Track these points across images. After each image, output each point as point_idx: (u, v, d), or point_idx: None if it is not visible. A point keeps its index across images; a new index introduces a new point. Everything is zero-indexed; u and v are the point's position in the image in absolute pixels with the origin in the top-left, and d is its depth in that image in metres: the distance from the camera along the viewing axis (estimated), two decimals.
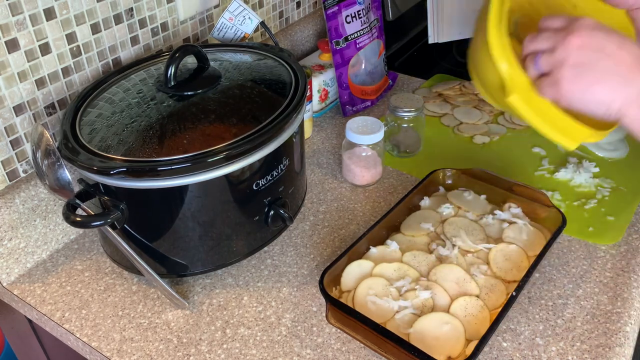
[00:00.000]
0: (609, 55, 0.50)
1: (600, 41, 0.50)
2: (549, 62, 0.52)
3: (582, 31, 0.50)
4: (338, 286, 0.64)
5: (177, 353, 0.61)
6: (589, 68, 0.50)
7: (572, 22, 0.52)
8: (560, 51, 0.51)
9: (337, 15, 0.94)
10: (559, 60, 0.51)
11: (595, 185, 0.81)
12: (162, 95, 0.66)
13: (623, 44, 0.50)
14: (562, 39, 0.51)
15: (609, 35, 0.51)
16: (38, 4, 0.65)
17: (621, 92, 0.50)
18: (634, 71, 0.50)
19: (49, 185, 0.64)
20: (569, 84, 0.51)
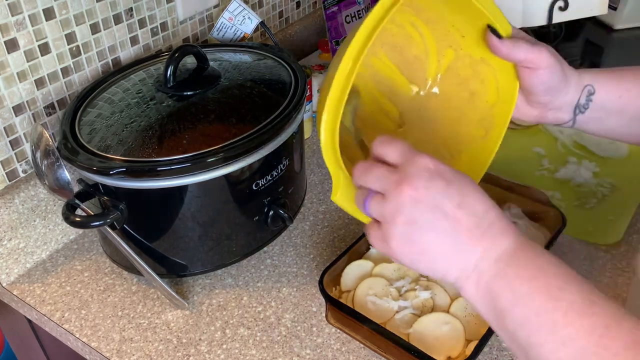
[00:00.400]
0: (446, 216, 0.41)
1: (438, 196, 0.41)
2: (378, 211, 0.43)
3: (418, 181, 0.41)
4: (338, 286, 0.64)
5: (176, 353, 0.61)
6: (421, 230, 0.41)
7: (409, 162, 0.42)
8: (391, 203, 0.42)
9: (337, 15, 0.94)
10: (389, 213, 0.42)
11: (595, 185, 0.81)
12: (161, 95, 0.66)
13: (464, 201, 0.41)
14: (394, 186, 0.42)
15: (448, 187, 0.41)
16: (37, 4, 0.65)
17: (456, 262, 0.42)
18: (472, 238, 0.41)
19: (49, 185, 0.64)
20: (398, 245, 0.42)
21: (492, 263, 0.41)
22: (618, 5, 1.22)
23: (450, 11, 0.54)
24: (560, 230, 0.67)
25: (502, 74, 0.55)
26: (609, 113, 0.56)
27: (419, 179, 0.41)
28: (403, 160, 0.43)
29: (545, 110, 0.56)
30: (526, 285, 0.39)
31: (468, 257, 0.41)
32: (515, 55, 0.52)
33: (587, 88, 0.55)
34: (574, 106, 0.56)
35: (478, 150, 0.59)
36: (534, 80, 0.53)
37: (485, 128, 0.58)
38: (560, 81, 0.53)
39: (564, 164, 0.86)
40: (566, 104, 0.55)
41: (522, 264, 0.41)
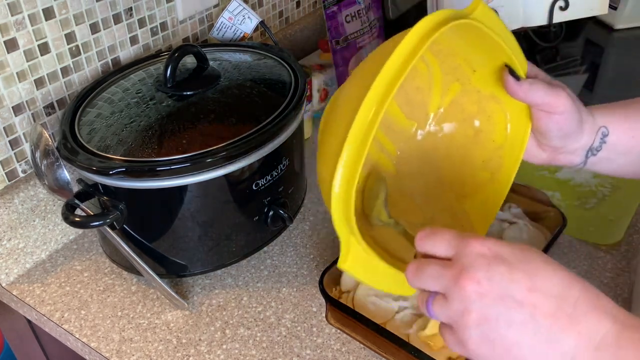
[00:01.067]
0: (521, 305, 0.35)
1: (504, 283, 0.35)
2: (445, 314, 0.38)
3: (478, 272, 0.36)
4: (338, 286, 0.64)
5: (176, 353, 0.61)
6: (497, 326, 0.35)
7: (461, 252, 0.38)
8: (456, 303, 0.37)
9: (337, 14, 0.94)
10: (457, 315, 0.37)
11: (595, 185, 0.81)
12: (161, 95, 0.66)
13: (535, 283, 0.35)
14: (453, 282, 0.37)
15: (513, 270, 0.36)
16: (37, 4, 0.65)
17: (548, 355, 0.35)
18: (559, 324, 0.35)
19: (48, 185, 0.64)
20: (478, 348, 0.36)
21: (592, 354, 0.35)
22: (618, 5, 1.22)
23: (466, 44, 0.49)
24: (560, 230, 0.66)
25: (513, 113, 0.52)
26: (619, 153, 0.53)
27: (478, 270, 0.36)
28: (454, 251, 0.38)
29: (557, 153, 0.53)
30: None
31: (560, 347, 0.35)
32: (532, 99, 0.48)
33: (602, 130, 0.52)
34: (587, 149, 0.53)
35: (486, 195, 0.55)
36: (549, 125, 0.50)
37: (491, 170, 0.55)
38: (577, 126, 0.50)
39: None
40: (579, 148, 0.52)
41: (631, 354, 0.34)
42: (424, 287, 0.39)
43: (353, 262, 0.44)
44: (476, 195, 0.55)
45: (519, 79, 0.47)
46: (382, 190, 0.52)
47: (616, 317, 0.35)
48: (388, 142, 0.56)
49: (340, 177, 0.40)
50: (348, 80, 0.46)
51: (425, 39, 0.40)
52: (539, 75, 0.50)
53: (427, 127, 0.56)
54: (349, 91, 0.44)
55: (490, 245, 0.37)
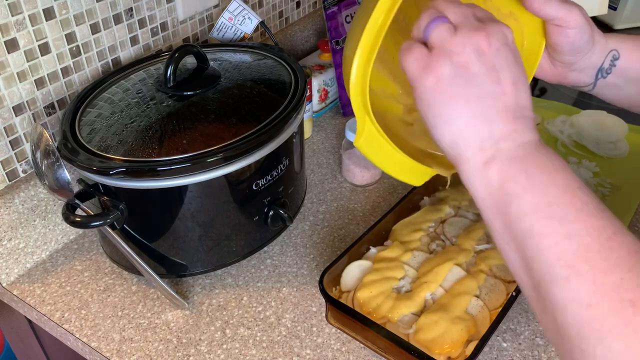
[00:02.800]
0: (498, 82, 0.41)
1: (504, 61, 0.41)
2: (441, 37, 0.42)
3: (496, 39, 0.41)
4: (338, 286, 0.64)
5: (176, 353, 0.61)
6: (467, 79, 0.41)
7: (494, 23, 0.42)
8: (460, 39, 0.41)
9: (336, 15, 0.94)
10: (451, 46, 0.41)
11: (595, 185, 0.81)
12: (161, 95, 0.66)
13: (519, 82, 0.41)
14: (472, 27, 0.41)
15: (515, 61, 0.42)
16: (37, 4, 0.65)
17: (479, 129, 0.41)
18: (506, 115, 0.41)
19: (49, 185, 0.64)
20: (437, 80, 0.41)
21: (515, 146, 0.40)
22: (618, 5, 1.22)
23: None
24: None
25: (529, 30, 0.55)
26: (629, 81, 0.56)
27: (496, 38, 0.41)
28: (490, 19, 0.43)
29: (568, 70, 0.56)
30: (545, 176, 0.39)
31: (493, 128, 0.41)
32: (547, 11, 0.50)
33: (612, 53, 0.55)
34: (597, 69, 0.55)
35: None
36: (561, 38, 0.52)
37: None
38: (587, 42, 0.53)
39: None
40: (589, 67, 0.55)
41: (544, 158, 0.40)
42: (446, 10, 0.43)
43: (366, 140, 0.49)
44: None
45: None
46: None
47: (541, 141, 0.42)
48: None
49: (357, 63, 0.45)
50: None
51: None
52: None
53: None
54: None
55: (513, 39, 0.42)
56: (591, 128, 0.92)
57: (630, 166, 0.85)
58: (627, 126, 0.91)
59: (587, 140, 0.90)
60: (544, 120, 0.95)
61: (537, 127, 0.92)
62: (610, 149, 0.88)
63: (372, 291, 0.61)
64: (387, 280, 0.63)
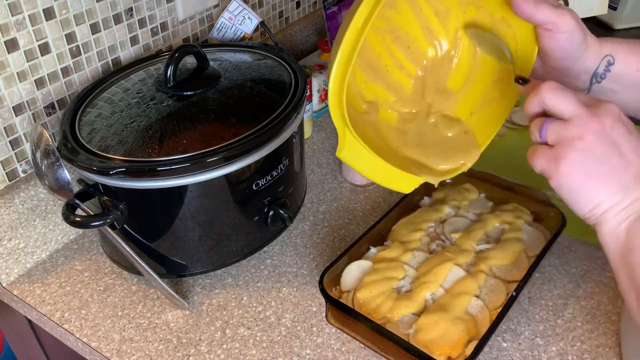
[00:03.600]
0: (622, 155, 0.45)
1: (620, 136, 0.45)
2: (557, 133, 0.46)
3: (606, 119, 0.45)
4: (338, 286, 0.64)
5: (176, 353, 0.61)
6: (594, 160, 0.45)
7: (598, 105, 0.46)
8: (576, 128, 0.45)
9: (336, 15, 0.94)
10: (570, 137, 0.45)
11: None
12: (161, 95, 0.66)
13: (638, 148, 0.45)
14: (583, 116, 0.45)
15: (629, 133, 0.45)
16: (37, 4, 0.65)
17: (613, 196, 0.45)
18: (634, 182, 0.45)
19: (49, 185, 0.64)
20: (567, 167, 0.45)
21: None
22: (618, 5, 1.22)
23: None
24: (560, 230, 0.66)
25: (521, 36, 0.55)
26: (624, 86, 0.55)
27: (608, 117, 0.44)
28: (595, 100, 0.46)
29: (562, 76, 0.56)
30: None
31: (627, 194, 0.45)
32: (537, 17, 0.50)
33: (607, 58, 0.54)
34: (591, 75, 0.55)
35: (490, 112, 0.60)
36: (553, 43, 0.52)
37: (500, 90, 0.59)
38: (579, 47, 0.52)
39: None
40: (584, 72, 0.55)
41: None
42: (557, 107, 0.46)
43: (348, 151, 0.51)
44: (480, 114, 0.61)
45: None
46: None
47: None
48: (408, 62, 0.61)
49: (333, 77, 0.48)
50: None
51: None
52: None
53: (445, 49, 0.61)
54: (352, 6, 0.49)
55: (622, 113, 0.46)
56: None
57: None
58: None
59: None
60: None
61: None
62: None
63: (372, 291, 0.61)
64: (387, 280, 0.63)
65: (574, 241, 0.73)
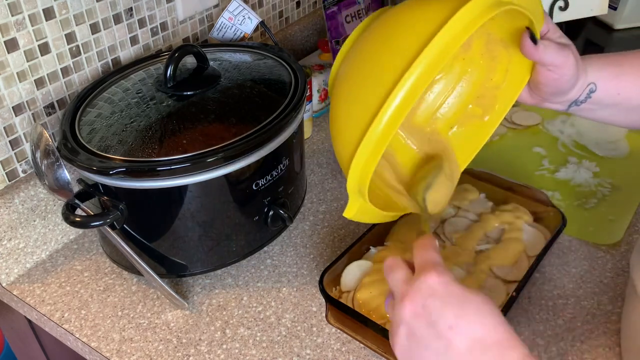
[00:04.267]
0: (439, 337, 0.41)
1: (434, 315, 0.41)
2: (390, 313, 0.46)
3: (419, 298, 0.42)
4: (338, 286, 0.64)
5: (176, 353, 0.61)
6: (419, 345, 0.42)
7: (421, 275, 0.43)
8: (396, 314, 0.44)
9: (337, 15, 0.94)
10: (395, 321, 0.44)
11: (595, 185, 0.81)
12: (161, 95, 0.66)
13: (457, 323, 0.40)
14: (400, 298, 0.44)
15: (445, 307, 0.41)
16: (37, 4, 0.65)
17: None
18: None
19: (48, 185, 0.64)
20: (400, 351, 0.44)
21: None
22: (618, 5, 1.22)
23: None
24: (560, 230, 0.66)
25: (516, 61, 0.55)
26: (603, 106, 0.56)
27: (420, 295, 0.42)
28: (418, 271, 0.44)
29: (544, 102, 0.57)
30: None
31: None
32: (544, 59, 0.51)
33: (590, 86, 0.55)
34: (571, 102, 0.56)
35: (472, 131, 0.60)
36: (549, 82, 0.53)
37: (484, 107, 0.58)
38: (572, 86, 0.53)
39: (564, 164, 0.86)
40: (566, 100, 0.56)
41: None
42: (389, 284, 0.47)
43: (357, 212, 0.51)
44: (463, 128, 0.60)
45: (536, 43, 0.49)
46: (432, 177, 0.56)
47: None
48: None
49: (358, 160, 0.45)
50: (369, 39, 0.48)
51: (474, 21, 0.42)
52: (549, 30, 0.52)
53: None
54: (378, 59, 0.45)
55: (445, 284, 0.42)
56: (591, 128, 0.92)
57: (630, 166, 0.85)
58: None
59: (587, 140, 0.90)
60: (544, 120, 0.95)
61: (537, 128, 0.93)
62: (610, 149, 0.88)
63: (371, 292, 0.61)
64: None
65: (574, 241, 0.73)
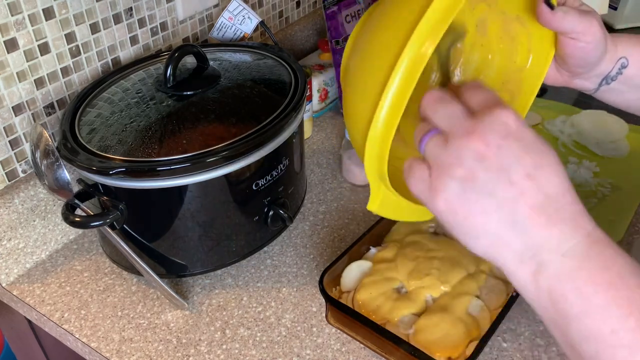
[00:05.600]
0: (512, 184, 0.35)
1: (509, 159, 0.35)
2: (435, 154, 0.37)
3: (491, 135, 0.35)
4: (338, 286, 0.64)
5: (176, 353, 0.61)
6: (478, 191, 0.35)
7: (489, 111, 0.36)
8: (454, 150, 0.36)
9: (337, 14, 0.94)
10: (447, 161, 0.36)
11: (595, 185, 0.81)
12: (161, 95, 0.66)
13: (536, 173, 0.35)
14: (463, 131, 0.36)
15: (524, 152, 0.35)
16: (37, 4, 0.65)
17: (510, 241, 0.35)
18: (535, 219, 0.35)
19: (48, 185, 0.64)
20: (445, 202, 0.36)
21: (559, 258, 0.35)
22: (618, 5, 1.22)
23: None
24: None
25: (537, 36, 0.52)
26: (632, 87, 0.54)
27: (493, 133, 0.35)
28: (484, 107, 0.36)
29: (573, 77, 0.54)
30: (602, 295, 0.34)
31: (526, 239, 0.35)
32: (565, 27, 0.47)
33: (621, 60, 0.52)
34: (603, 77, 0.53)
35: None
36: (575, 52, 0.49)
37: (511, 92, 0.55)
38: (601, 54, 0.50)
39: (565, 163, 0.85)
40: (596, 75, 0.53)
41: (598, 267, 0.34)
42: (433, 119, 0.38)
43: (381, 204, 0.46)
44: None
45: (553, 8, 0.46)
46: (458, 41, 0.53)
47: (593, 232, 0.35)
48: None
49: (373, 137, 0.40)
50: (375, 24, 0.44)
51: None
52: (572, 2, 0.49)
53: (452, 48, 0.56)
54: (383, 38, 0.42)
55: (520, 123, 0.36)
56: (591, 128, 0.92)
57: (630, 166, 0.85)
58: (627, 126, 0.91)
59: (588, 140, 0.89)
60: (544, 120, 0.95)
61: (537, 127, 0.93)
62: (610, 149, 0.88)
63: (371, 292, 0.61)
64: (387, 280, 0.63)
65: None
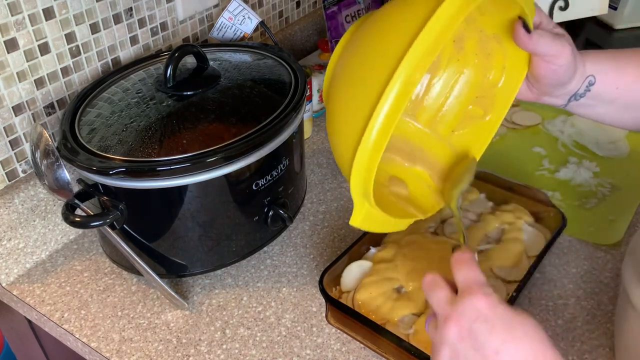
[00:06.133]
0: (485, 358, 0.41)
1: (481, 338, 0.41)
2: (432, 334, 0.46)
3: (464, 321, 0.42)
4: (338, 286, 0.64)
5: (176, 353, 0.61)
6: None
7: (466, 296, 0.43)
8: (439, 334, 0.44)
9: (337, 14, 0.94)
10: (438, 341, 0.44)
11: (595, 185, 0.81)
12: (161, 95, 0.66)
13: (502, 348, 0.41)
14: (445, 318, 0.44)
15: (492, 331, 0.41)
16: (37, 4, 0.65)
17: None
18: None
19: (48, 185, 0.64)
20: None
21: None
22: (618, 5, 1.22)
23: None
24: (560, 230, 0.66)
25: (512, 55, 0.54)
26: (601, 102, 0.56)
27: (466, 319, 0.42)
28: (462, 291, 0.44)
29: (543, 95, 0.56)
30: None
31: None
32: (539, 50, 0.50)
33: (589, 78, 0.54)
34: (571, 95, 0.55)
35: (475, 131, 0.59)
36: (548, 73, 0.52)
37: (484, 107, 0.58)
38: (570, 77, 0.53)
39: (565, 164, 0.86)
40: (565, 93, 0.55)
41: None
42: (430, 303, 0.46)
43: (364, 220, 0.49)
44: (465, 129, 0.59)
45: (530, 31, 0.49)
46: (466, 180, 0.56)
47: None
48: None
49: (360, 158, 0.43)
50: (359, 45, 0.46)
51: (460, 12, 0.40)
52: (542, 21, 0.51)
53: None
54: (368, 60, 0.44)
55: (491, 306, 0.42)
56: (591, 128, 0.92)
57: (630, 166, 0.85)
58: None
59: (588, 140, 0.90)
60: (544, 120, 0.95)
61: (537, 128, 0.93)
62: (610, 149, 0.88)
63: (371, 292, 0.61)
64: (387, 281, 0.63)
65: (574, 241, 0.73)
